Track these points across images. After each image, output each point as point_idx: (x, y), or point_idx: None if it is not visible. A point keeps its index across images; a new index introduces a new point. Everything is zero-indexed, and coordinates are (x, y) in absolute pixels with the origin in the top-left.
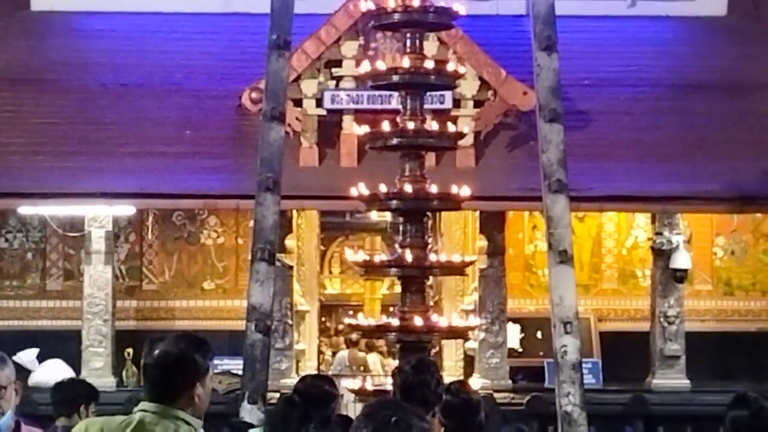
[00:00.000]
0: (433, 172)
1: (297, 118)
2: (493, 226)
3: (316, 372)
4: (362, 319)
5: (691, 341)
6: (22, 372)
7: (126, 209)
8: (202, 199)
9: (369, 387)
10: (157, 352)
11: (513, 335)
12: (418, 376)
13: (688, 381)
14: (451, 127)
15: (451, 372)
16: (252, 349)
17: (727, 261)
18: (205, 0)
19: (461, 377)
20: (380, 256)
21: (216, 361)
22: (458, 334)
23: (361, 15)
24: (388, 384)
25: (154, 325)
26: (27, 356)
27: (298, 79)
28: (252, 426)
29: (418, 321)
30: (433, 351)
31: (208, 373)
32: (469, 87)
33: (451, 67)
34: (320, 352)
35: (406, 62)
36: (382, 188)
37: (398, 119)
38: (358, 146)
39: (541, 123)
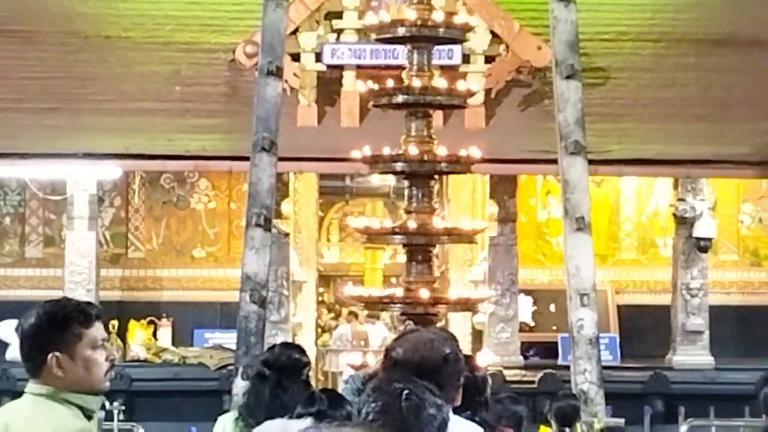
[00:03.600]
0: (440, 132)
1: (294, 74)
2: (504, 190)
3: (311, 344)
4: (364, 290)
5: (715, 315)
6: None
7: (111, 171)
8: (193, 160)
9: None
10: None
11: (525, 308)
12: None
13: (712, 358)
14: (460, 85)
15: None
16: (246, 322)
17: (754, 229)
18: None
19: (469, 353)
20: (383, 223)
21: (207, 335)
22: (466, 306)
23: None
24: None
25: (141, 296)
26: (4, 328)
27: (295, 31)
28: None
29: (423, 292)
30: (439, 324)
31: (79, 341)
32: (479, 41)
33: (460, 19)
34: (318, 325)
35: (412, 14)
36: (386, 150)
37: (403, 75)
38: (360, 104)
39: (557, 80)
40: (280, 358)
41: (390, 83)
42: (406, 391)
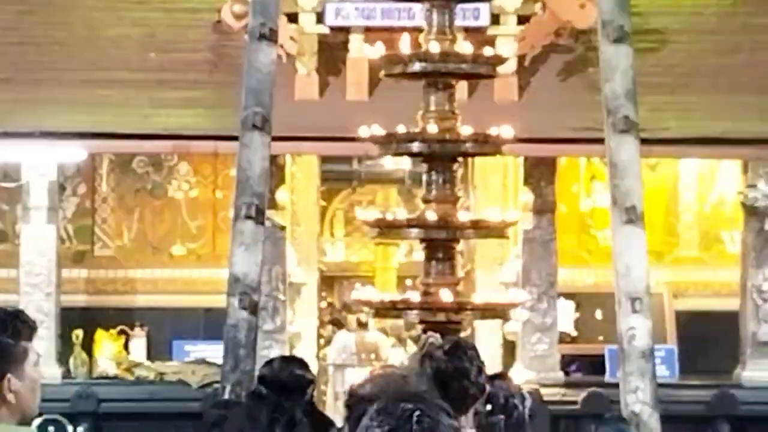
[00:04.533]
0: (465, 106)
1: (292, 38)
2: (540, 175)
3: (313, 358)
4: (375, 293)
5: None
6: None
7: (74, 153)
8: (171, 140)
9: None
10: None
11: (565, 315)
12: (453, 363)
13: None
14: (488, 50)
15: (486, 362)
16: (235, 332)
17: None
18: None
19: (499, 368)
20: (398, 214)
21: (188, 347)
22: (496, 312)
23: None
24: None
25: (109, 301)
26: None
27: None
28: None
29: (445, 296)
30: (464, 334)
31: (26, 358)
32: None
33: None
34: (320, 335)
35: None
36: (400, 127)
37: (421, 39)
38: (370, 74)
39: (604, 44)
40: (279, 375)
41: (405, 48)
42: (417, 413)
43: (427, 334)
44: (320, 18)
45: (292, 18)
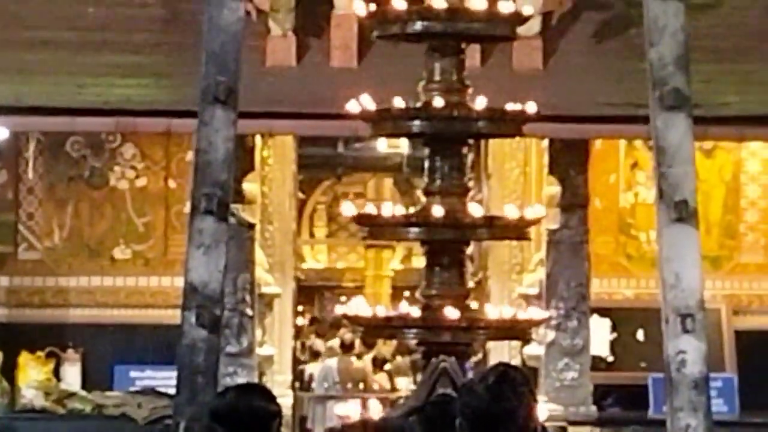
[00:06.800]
0: (477, 76)
1: None
2: (570, 163)
3: (288, 388)
4: (365, 307)
5: None
6: None
7: None
8: (114, 116)
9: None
10: None
11: (600, 335)
12: (500, 404)
13: None
14: (506, 6)
15: None
16: (191, 354)
17: None
18: None
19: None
20: (393, 209)
21: (134, 373)
22: (514, 332)
23: None
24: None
25: (36, 316)
26: None
27: None
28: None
29: (451, 311)
30: (474, 359)
31: None
32: None
33: None
34: (296, 360)
35: None
36: (397, 101)
37: None
38: (359, 35)
39: None
40: (236, 407)
41: (402, 4)
42: None
43: (438, 357)
44: None
45: None
